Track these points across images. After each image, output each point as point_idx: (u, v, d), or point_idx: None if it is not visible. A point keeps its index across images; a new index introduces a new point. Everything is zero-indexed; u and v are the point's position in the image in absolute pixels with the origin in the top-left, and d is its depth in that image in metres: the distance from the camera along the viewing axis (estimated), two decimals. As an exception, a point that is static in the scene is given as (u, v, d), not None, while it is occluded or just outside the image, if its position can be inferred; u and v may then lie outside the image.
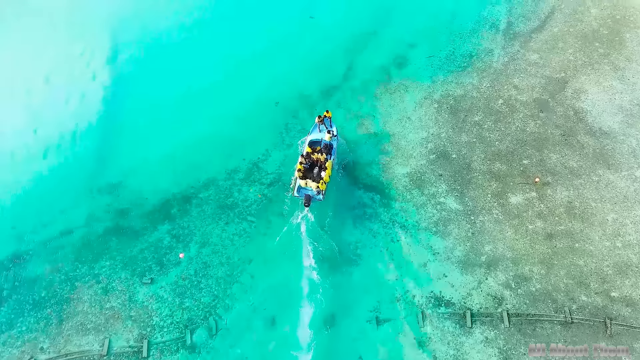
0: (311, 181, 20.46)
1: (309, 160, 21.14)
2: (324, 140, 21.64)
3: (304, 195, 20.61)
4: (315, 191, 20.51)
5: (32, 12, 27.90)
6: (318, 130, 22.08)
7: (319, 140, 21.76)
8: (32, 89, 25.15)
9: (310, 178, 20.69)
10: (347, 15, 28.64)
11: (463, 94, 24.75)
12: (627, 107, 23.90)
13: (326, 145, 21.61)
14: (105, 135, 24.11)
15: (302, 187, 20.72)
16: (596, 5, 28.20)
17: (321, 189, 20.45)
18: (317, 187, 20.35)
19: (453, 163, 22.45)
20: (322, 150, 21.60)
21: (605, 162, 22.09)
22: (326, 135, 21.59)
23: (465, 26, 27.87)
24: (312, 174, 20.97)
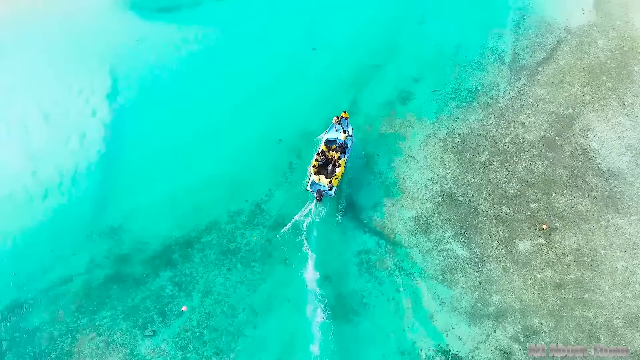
0: (324, 177, 21.71)
1: (324, 157, 22.35)
2: (340, 139, 22.88)
3: (317, 190, 21.74)
4: (327, 187, 21.67)
5: (31, 50, 27.43)
6: (334, 130, 23.41)
7: (334, 140, 23.01)
8: (31, 128, 24.74)
9: (323, 174, 21.88)
10: (350, 47, 28.29)
11: (469, 132, 24.36)
12: (635, 145, 23.52)
13: (341, 144, 22.87)
14: (105, 176, 23.70)
15: (315, 182, 21.88)
16: (603, 36, 27.80)
17: (334, 184, 21.63)
18: (329, 183, 21.55)
19: (459, 206, 22.06)
20: (337, 148, 22.69)
21: (614, 206, 21.71)
22: (341, 135, 22.87)
23: (470, 58, 27.50)
24: (325, 171, 22.16)
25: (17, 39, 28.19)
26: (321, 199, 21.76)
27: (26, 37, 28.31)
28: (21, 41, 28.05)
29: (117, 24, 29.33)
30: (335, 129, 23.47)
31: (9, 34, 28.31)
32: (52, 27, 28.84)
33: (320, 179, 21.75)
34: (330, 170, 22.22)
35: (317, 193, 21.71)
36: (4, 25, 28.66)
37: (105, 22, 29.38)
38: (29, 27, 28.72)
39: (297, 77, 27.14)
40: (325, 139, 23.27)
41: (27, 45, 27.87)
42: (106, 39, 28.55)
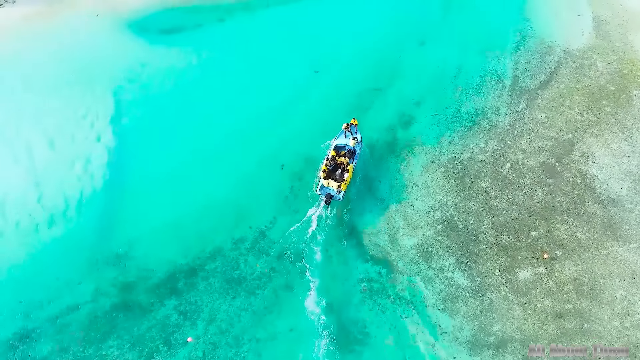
0: (333, 181, 22.48)
1: (333, 162, 23.20)
2: (349, 145, 23.74)
3: (326, 193, 22.65)
4: (336, 191, 22.53)
5: (35, 74, 27.67)
6: (344, 136, 24.35)
7: (343, 145, 23.90)
8: (37, 154, 24.99)
9: (332, 179, 22.65)
10: (352, 69, 28.57)
11: (470, 158, 24.62)
12: (634, 171, 23.79)
13: (350, 150, 23.60)
14: (109, 202, 23.94)
15: (324, 186, 22.67)
16: (603, 59, 28.05)
17: (342, 189, 22.40)
18: (338, 187, 22.44)
19: (460, 234, 22.34)
20: (346, 154, 23.41)
21: (614, 233, 21.98)
22: (350, 141, 23.83)
23: (470, 81, 27.75)
24: (334, 175, 22.85)
25: (21, 64, 28.39)
26: (329, 202, 22.66)
27: (30, 62, 28.53)
28: (25, 66, 28.26)
29: (121, 46, 29.58)
30: (344, 135, 24.37)
31: (12, 60, 28.44)
32: (55, 51, 29.07)
33: (330, 183, 22.56)
34: (339, 175, 22.95)
35: (326, 196, 22.62)
36: (8, 51, 28.77)
37: (108, 45, 29.63)
38: (32, 53, 28.92)
39: (299, 100, 27.39)
40: (334, 144, 24.12)
41: (31, 70, 28.07)
42: (110, 62, 28.82)
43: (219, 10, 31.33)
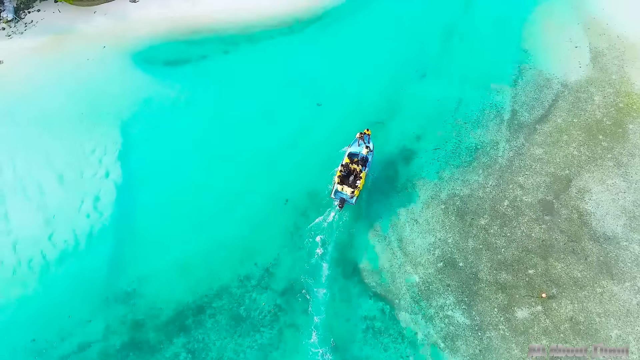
0: (347, 187, 23.87)
1: (347, 169, 24.57)
2: (362, 153, 24.92)
3: (339, 198, 24.05)
4: (349, 195, 23.75)
5: (43, 110, 28.24)
6: (357, 145, 25.61)
7: (357, 153, 25.09)
8: (47, 191, 25.58)
9: (346, 184, 24.04)
10: (354, 102, 29.10)
11: (469, 194, 25.25)
12: (630, 208, 24.42)
13: (363, 158, 24.90)
14: (118, 240, 24.54)
15: (338, 191, 24.01)
16: (599, 92, 28.66)
17: (355, 194, 23.76)
18: (351, 193, 23.79)
19: (460, 272, 23.00)
20: (359, 161, 24.76)
21: (609, 271, 22.64)
22: (364, 150, 25.08)
23: (470, 115, 28.35)
24: (348, 181, 24.16)
25: (29, 97, 28.93)
26: (343, 206, 24.11)
27: (38, 95, 29.05)
28: (33, 99, 28.81)
29: (127, 79, 30.08)
30: (358, 144, 25.62)
31: (21, 93, 28.99)
32: (62, 84, 29.55)
33: (344, 188, 23.90)
34: (352, 181, 24.28)
35: (339, 201, 24.05)
36: (16, 84, 29.34)
37: (115, 77, 30.11)
38: (40, 86, 29.42)
39: (302, 134, 27.96)
40: (348, 152, 25.39)
41: (39, 104, 28.60)
42: (116, 95, 29.32)
43: (224, 42, 31.84)
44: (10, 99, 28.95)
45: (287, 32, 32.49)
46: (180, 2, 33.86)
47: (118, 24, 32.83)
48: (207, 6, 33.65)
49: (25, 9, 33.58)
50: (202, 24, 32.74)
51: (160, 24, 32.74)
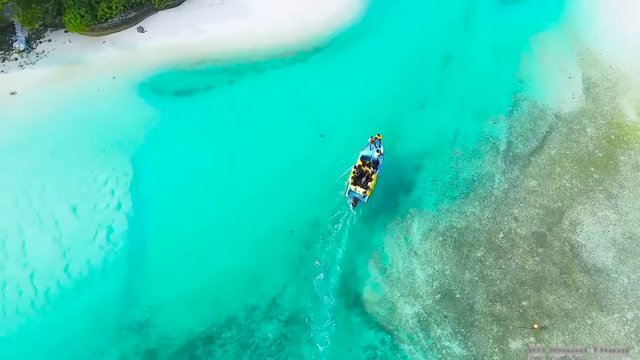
0: (360, 187, 25.78)
1: (360, 171, 26.49)
2: (373, 157, 27.00)
3: (353, 197, 26.03)
4: (362, 195, 25.72)
5: (56, 140, 29.34)
6: (369, 148, 27.58)
7: (369, 156, 27.14)
8: (62, 223, 26.72)
9: (359, 185, 25.97)
10: (356, 133, 30.02)
11: (466, 226, 26.39)
12: (619, 240, 25.57)
13: (374, 161, 27.02)
14: (131, 270, 25.68)
15: (352, 190, 25.91)
16: (592, 124, 29.77)
17: (367, 194, 25.70)
18: (363, 193, 25.66)
19: (457, 303, 24.17)
20: (370, 164, 26.76)
21: (599, 303, 23.81)
22: (375, 153, 27.24)
23: (467, 146, 29.45)
24: (360, 182, 26.09)
25: (42, 128, 30.03)
26: (356, 204, 26.17)
27: (50, 127, 30.14)
28: (46, 131, 29.91)
29: (137, 109, 31.19)
30: (370, 148, 27.57)
31: (34, 124, 30.10)
32: (74, 115, 30.67)
33: (357, 189, 25.81)
34: (364, 182, 26.22)
35: (352, 200, 25.99)
36: (29, 115, 30.44)
37: (125, 108, 31.25)
38: (52, 116, 30.54)
39: (306, 165, 29.04)
40: (361, 155, 27.32)
41: (52, 135, 29.71)
42: (127, 125, 30.44)
43: (229, 72, 32.94)
44: (24, 130, 30.10)
45: (290, 62, 33.59)
46: (186, 32, 34.98)
47: (127, 54, 33.96)
48: (212, 36, 34.76)
49: (36, 39, 34.66)
50: (207, 54, 33.85)
51: (167, 53, 33.84)
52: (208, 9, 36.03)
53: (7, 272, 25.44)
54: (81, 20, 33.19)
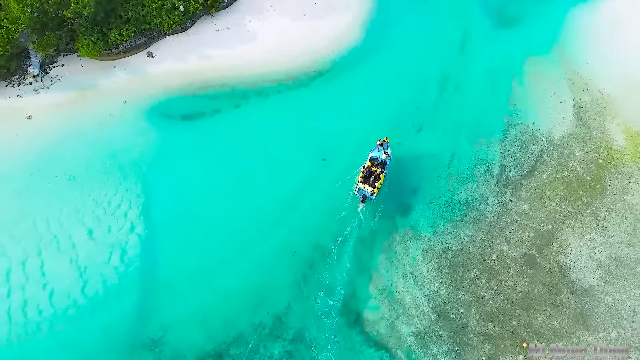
0: (368, 185, 28.28)
1: (368, 171, 28.96)
2: (381, 158, 29.50)
3: (362, 195, 28.80)
4: (370, 192, 28.18)
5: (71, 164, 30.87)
6: (377, 150, 30.04)
7: (377, 158, 29.64)
8: (78, 246, 28.25)
9: (367, 183, 28.42)
10: (356, 157, 31.51)
11: (460, 248, 27.92)
12: (605, 262, 27.08)
13: (382, 162, 29.53)
14: (144, 290, 27.22)
15: (361, 188, 28.45)
16: (581, 148, 31.26)
17: (375, 192, 28.11)
18: (372, 190, 28.16)
19: (451, 323, 25.72)
20: (378, 165, 29.20)
21: (585, 322, 25.34)
22: (383, 155, 29.73)
23: (463, 169, 30.95)
24: (369, 181, 28.48)
25: (57, 153, 31.55)
26: (364, 201, 28.92)
27: (65, 151, 31.66)
28: (61, 155, 31.43)
29: (148, 134, 32.65)
30: (378, 150, 30.00)
31: (49, 149, 31.62)
32: (88, 139, 32.15)
33: (366, 187, 28.21)
34: (372, 180, 28.58)
35: (362, 197, 28.84)
36: (45, 140, 31.97)
37: (136, 132, 32.71)
38: (66, 141, 32.02)
39: (308, 188, 30.54)
40: (370, 156, 29.84)
41: (67, 160, 31.23)
42: (138, 149, 31.92)
43: (235, 97, 34.44)
44: (41, 154, 31.60)
45: (293, 87, 35.08)
46: (194, 57, 36.46)
47: (137, 78, 35.46)
48: (218, 61, 36.22)
49: (50, 64, 36.17)
50: (214, 79, 35.34)
51: (176, 78, 35.34)
52: (214, 34, 37.49)
53: (27, 292, 26.98)
54: (93, 47, 34.63)
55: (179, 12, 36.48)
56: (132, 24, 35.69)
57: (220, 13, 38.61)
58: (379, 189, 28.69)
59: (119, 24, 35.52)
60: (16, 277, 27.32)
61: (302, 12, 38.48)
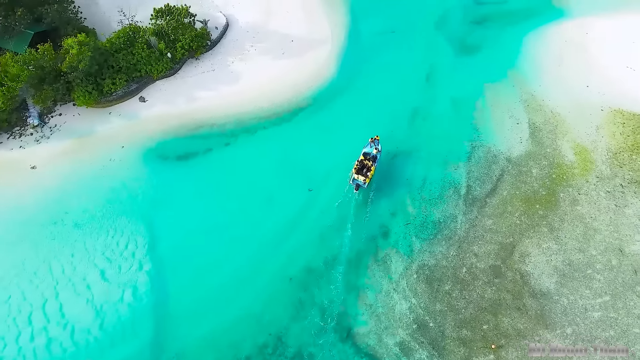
0: (361, 176, 33.73)
1: (361, 164, 34.52)
2: (372, 153, 34.99)
3: (356, 184, 33.97)
4: (363, 182, 33.59)
5: (78, 210, 33.68)
6: (369, 146, 35.60)
7: (369, 153, 35.19)
8: (93, 286, 31.18)
9: (361, 174, 33.94)
10: (339, 188, 35.03)
11: (435, 264, 31.72)
12: (560, 267, 31.18)
13: (373, 156, 35.07)
14: (157, 322, 30.29)
15: (355, 178, 33.68)
16: (537, 165, 35.34)
17: (366, 182, 33.68)
18: (364, 180, 33.71)
19: (430, 331, 29.49)
20: (370, 159, 34.46)
21: (544, 322, 29.38)
22: (374, 150, 35.16)
23: (434, 191, 34.72)
24: (362, 172, 34.08)
25: (64, 199, 34.31)
26: (358, 189, 34.19)
27: (72, 197, 34.44)
28: (68, 201, 34.19)
29: (146, 176, 35.65)
30: (370, 146, 35.48)
31: (57, 196, 34.35)
32: (91, 185, 34.98)
33: (359, 177, 33.57)
34: (365, 172, 34.11)
35: (355, 186, 34.05)
36: (52, 188, 34.68)
37: (136, 176, 35.68)
38: (72, 187, 34.81)
39: (298, 218, 33.92)
40: (363, 151, 35.31)
41: (74, 206, 34.02)
42: (139, 192, 34.92)
43: (225, 135, 37.61)
44: (48, 202, 34.35)
45: (277, 122, 38.43)
46: (183, 99, 39.52)
47: (132, 123, 38.37)
48: (206, 102, 39.41)
49: (48, 114, 38.80)
50: (204, 119, 38.47)
51: (168, 121, 38.36)
52: (200, 76, 40.56)
53: (50, 332, 29.82)
54: (89, 97, 37.41)
55: (167, 59, 39.39)
56: (123, 73, 38.48)
57: (205, 55, 41.64)
58: (370, 178, 34.24)
59: (111, 73, 38.28)
60: (38, 319, 30.13)
61: (281, 50, 41.75)
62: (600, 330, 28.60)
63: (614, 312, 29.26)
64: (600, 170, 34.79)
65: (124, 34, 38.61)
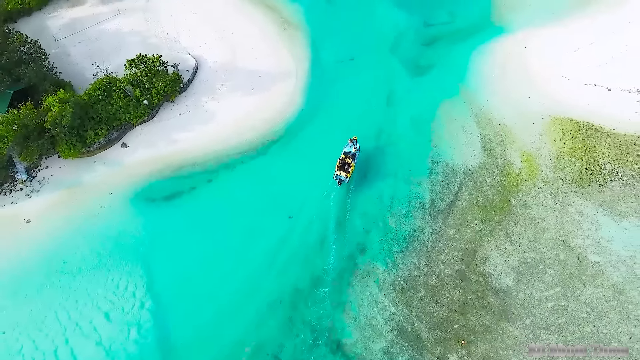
0: (343, 172, 39.00)
1: (343, 161, 39.68)
2: (352, 151, 40.17)
3: (339, 179, 38.86)
4: (344, 177, 38.76)
5: (74, 258, 36.13)
6: (349, 146, 40.55)
7: (349, 151, 40.22)
8: (98, 327, 33.80)
9: (343, 170, 39.20)
10: (317, 212, 38.52)
11: (408, 274, 35.64)
12: (516, 266, 35.57)
13: (352, 154, 40.11)
14: (163, 355, 33.20)
15: (338, 174, 38.85)
16: (490, 175, 39.67)
17: (348, 176, 38.91)
18: (346, 175, 38.92)
19: (409, 335, 33.40)
20: (350, 156, 39.78)
21: (506, 316, 33.69)
22: (353, 149, 40.36)
23: (402, 207, 38.62)
24: (344, 169, 39.35)
25: (60, 249, 36.67)
26: (341, 184, 39.15)
27: (67, 247, 36.81)
28: (64, 251, 36.56)
29: (137, 219, 38.27)
30: (349, 145, 40.54)
31: (52, 247, 36.66)
32: (83, 233, 37.40)
33: (341, 173, 38.81)
34: (346, 169, 39.31)
35: (338, 181, 39.03)
36: (46, 240, 36.96)
37: (127, 220, 38.25)
38: (66, 237, 37.17)
39: (282, 245, 37.22)
40: (344, 150, 40.30)
41: (71, 255, 36.40)
42: (132, 235, 37.53)
43: (206, 172, 40.53)
44: (47, 252, 36.66)
45: (254, 156, 41.60)
46: (163, 142, 42.15)
47: (116, 170, 40.83)
48: (185, 144, 42.14)
49: (35, 168, 40.84)
50: (185, 160, 41.26)
51: (151, 164, 40.98)
52: (177, 118, 43.25)
53: (64, 377, 32.37)
54: (73, 149, 39.68)
55: (144, 106, 41.94)
56: (104, 123, 40.87)
57: (179, 97, 44.35)
58: (350, 174, 39.41)
59: (93, 124, 40.61)
60: (51, 365, 32.60)
61: (250, 86, 44.84)
62: (554, 318, 33.10)
63: (565, 301, 33.80)
64: (545, 174, 39.39)
65: (100, 86, 40.92)
